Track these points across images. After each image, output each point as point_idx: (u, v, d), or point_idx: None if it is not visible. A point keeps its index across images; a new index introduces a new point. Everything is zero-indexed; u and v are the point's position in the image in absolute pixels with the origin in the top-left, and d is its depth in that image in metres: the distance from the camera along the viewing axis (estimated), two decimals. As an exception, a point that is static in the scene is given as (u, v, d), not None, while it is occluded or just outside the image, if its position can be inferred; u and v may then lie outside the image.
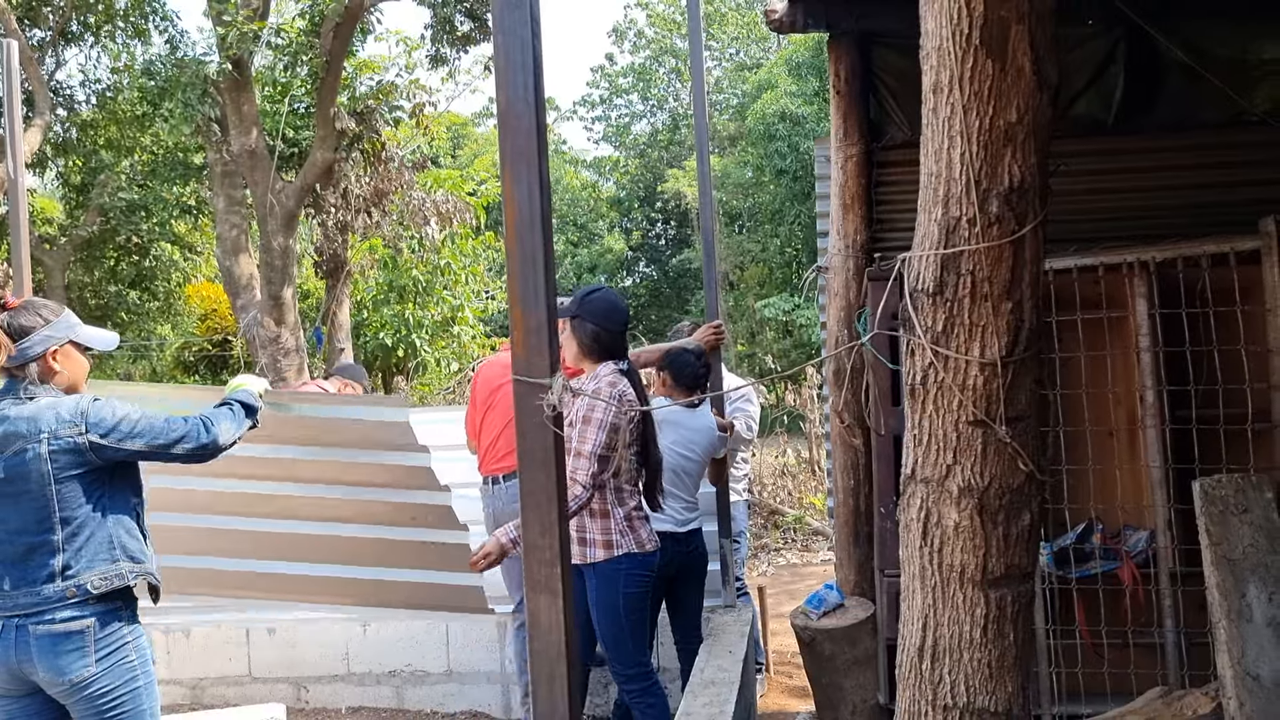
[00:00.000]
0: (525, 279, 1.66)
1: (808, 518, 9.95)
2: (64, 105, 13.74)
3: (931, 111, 1.80)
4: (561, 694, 1.67)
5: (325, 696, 5.12)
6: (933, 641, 1.87)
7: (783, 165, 22.56)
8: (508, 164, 1.66)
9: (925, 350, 1.80)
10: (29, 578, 2.65)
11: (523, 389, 1.64)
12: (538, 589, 1.67)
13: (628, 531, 3.62)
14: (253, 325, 10.67)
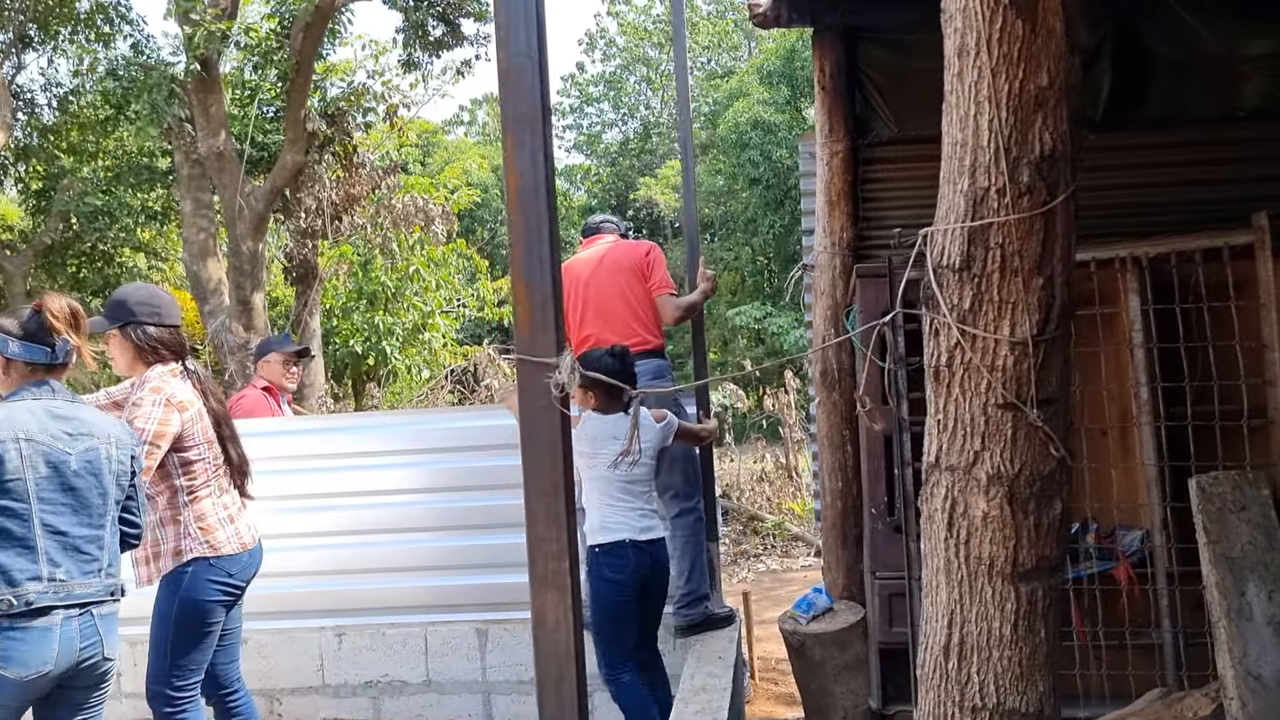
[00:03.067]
0: (529, 251, 1.54)
1: (787, 523, 9.87)
2: (24, 110, 13.45)
3: (956, 76, 1.70)
4: (570, 694, 1.55)
5: (300, 709, 4.95)
6: (959, 639, 1.77)
7: (755, 174, 22.59)
8: (510, 129, 1.54)
9: (951, 329, 1.70)
10: (84, 569, 2.80)
11: (528, 369, 1.53)
12: (544, 584, 1.55)
13: (198, 535, 3.41)
14: (220, 331, 10.45)
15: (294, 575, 5.01)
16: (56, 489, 2.76)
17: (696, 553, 4.46)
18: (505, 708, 4.81)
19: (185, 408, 3.34)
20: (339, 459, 5.04)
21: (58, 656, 2.71)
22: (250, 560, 3.56)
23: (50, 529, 2.74)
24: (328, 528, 4.99)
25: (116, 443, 2.93)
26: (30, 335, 2.86)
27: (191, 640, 3.38)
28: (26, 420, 2.75)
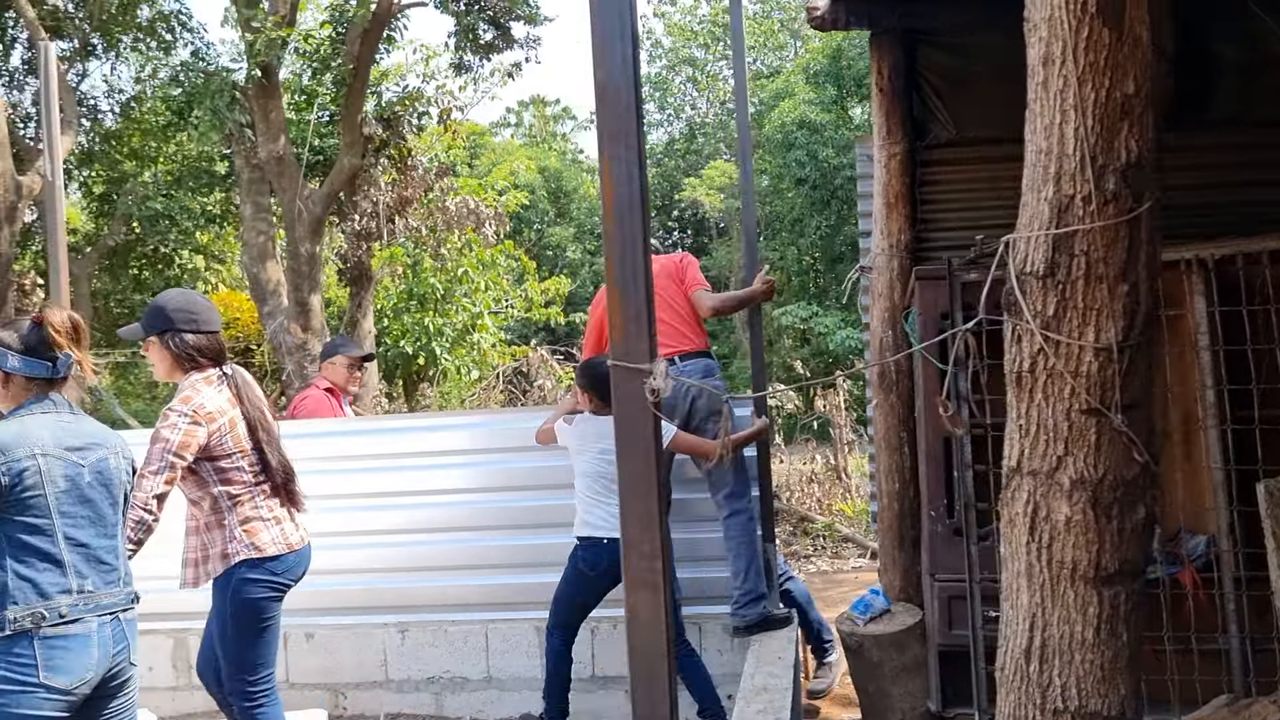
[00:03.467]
0: (624, 262, 1.59)
1: (837, 524, 9.85)
2: (87, 116, 13.81)
3: (1041, 85, 1.72)
4: (662, 692, 1.59)
5: (364, 703, 5.05)
6: (1041, 642, 1.79)
7: (801, 174, 22.51)
8: (605, 143, 1.59)
9: (1034, 335, 1.72)
10: (107, 579, 2.81)
11: (622, 374, 1.57)
12: (638, 585, 1.59)
13: (243, 537, 3.45)
14: (279, 332, 10.65)
15: (358, 572, 5.12)
16: (74, 502, 2.75)
17: (751, 553, 4.47)
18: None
19: (214, 419, 3.35)
20: (401, 458, 5.14)
21: (97, 663, 2.72)
22: (297, 560, 3.61)
23: (73, 541, 2.74)
24: (391, 526, 5.09)
25: (122, 453, 2.94)
26: (31, 349, 2.80)
27: (251, 637, 3.47)
28: (41, 435, 2.72)
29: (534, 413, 5.18)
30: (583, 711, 4.85)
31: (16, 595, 2.62)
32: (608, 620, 4.86)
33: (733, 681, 4.62)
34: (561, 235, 26.76)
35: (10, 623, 2.59)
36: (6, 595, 2.62)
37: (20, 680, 2.58)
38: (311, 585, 5.11)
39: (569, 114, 37.36)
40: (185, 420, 3.29)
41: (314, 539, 5.11)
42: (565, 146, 36.03)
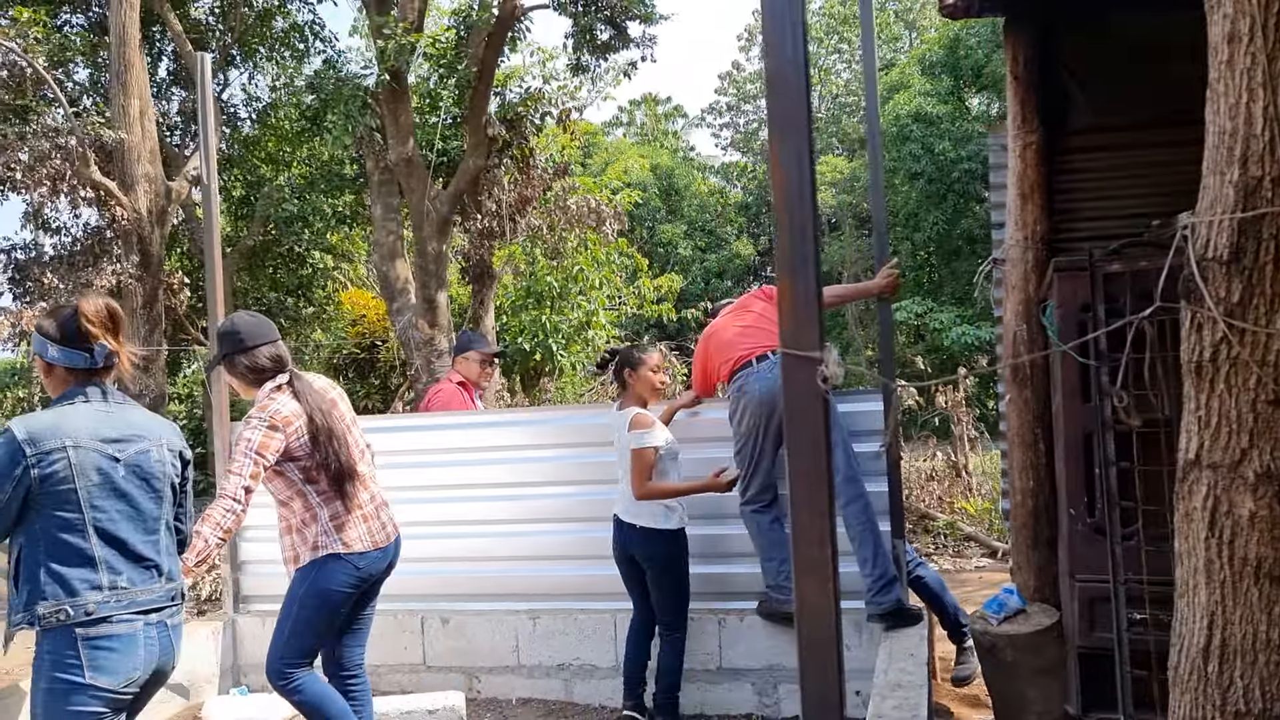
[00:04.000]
0: (794, 249, 1.60)
1: (959, 523, 9.63)
2: (227, 123, 14.50)
3: (1225, 63, 1.66)
4: (833, 681, 1.60)
5: (496, 687, 5.19)
6: (1220, 641, 1.73)
7: (916, 168, 22.07)
8: (776, 132, 1.61)
9: (1216, 324, 1.66)
10: (144, 576, 2.77)
11: (792, 362, 1.58)
12: (807, 572, 1.60)
13: (332, 532, 3.58)
14: (408, 328, 10.99)
15: (492, 560, 5.27)
16: (109, 495, 2.69)
17: (875, 539, 4.45)
18: (691, 695, 4.89)
19: (291, 422, 3.48)
20: (533, 449, 5.27)
21: (144, 664, 2.71)
22: (381, 556, 3.73)
23: (107, 537, 2.68)
24: (523, 515, 5.23)
25: (167, 444, 2.89)
26: (68, 340, 2.75)
27: (313, 623, 3.60)
28: (75, 426, 2.67)
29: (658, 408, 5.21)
30: (710, 703, 4.89)
31: (46, 590, 2.60)
32: (735, 613, 4.89)
33: (859, 677, 4.60)
34: (673, 232, 26.85)
35: (40, 619, 2.58)
36: (37, 589, 2.60)
37: (67, 680, 2.59)
38: (447, 571, 5.32)
39: (680, 112, 37.45)
40: (264, 424, 3.44)
41: (448, 526, 5.33)
42: (676, 144, 36.12)
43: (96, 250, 11.61)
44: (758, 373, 4.55)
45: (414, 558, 5.34)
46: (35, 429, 2.62)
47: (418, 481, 5.38)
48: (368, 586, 3.74)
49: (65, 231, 13.08)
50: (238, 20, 13.51)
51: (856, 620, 4.58)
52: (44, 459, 2.59)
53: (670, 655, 4.52)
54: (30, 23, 10.88)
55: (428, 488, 5.38)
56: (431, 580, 5.36)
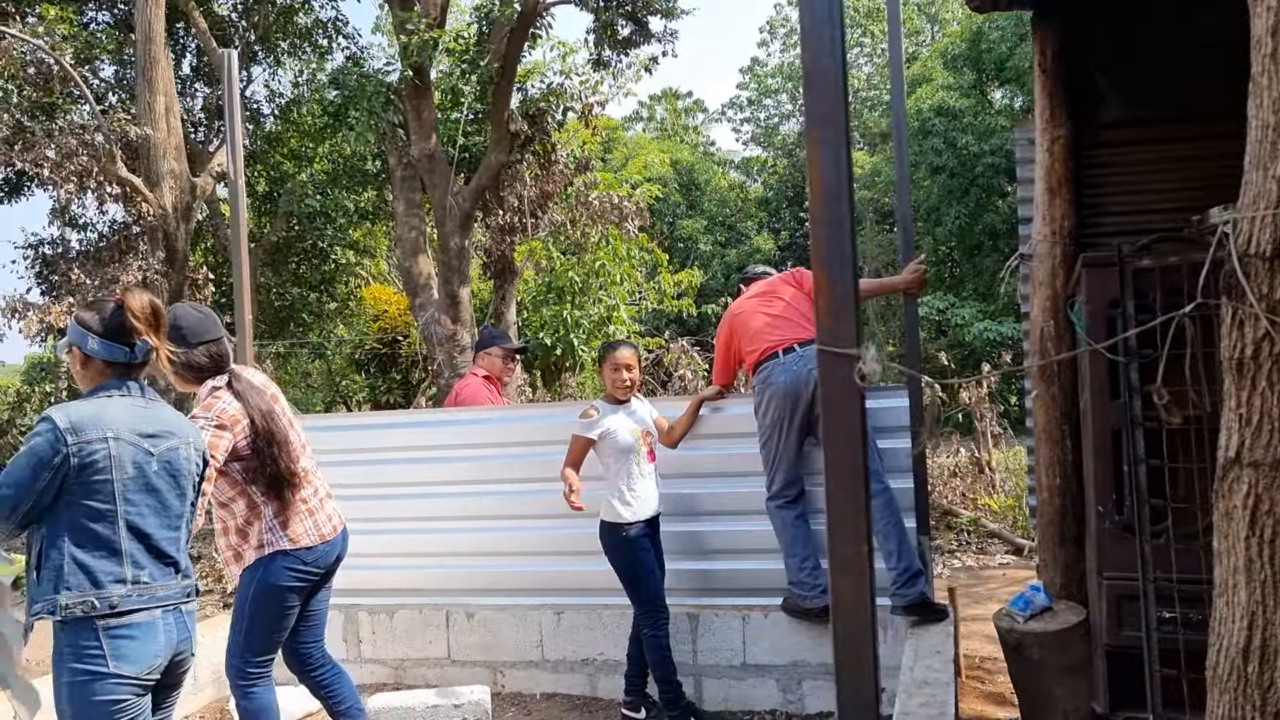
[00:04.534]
0: (830, 245, 1.60)
1: (983, 519, 9.58)
2: (250, 120, 14.59)
3: (1269, 57, 1.64)
4: (868, 677, 1.60)
5: (521, 681, 5.20)
6: (1261, 641, 1.71)
7: (938, 162, 21.93)
8: (813, 127, 1.60)
9: (1259, 321, 1.64)
10: (165, 571, 2.79)
11: (829, 359, 1.58)
12: (843, 570, 1.60)
13: (278, 529, 3.54)
14: (430, 323, 11.02)
15: (516, 555, 5.29)
16: (140, 490, 2.71)
17: (900, 532, 4.44)
18: (715, 691, 4.91)
19: (237, 420, 3.44)
20: (557, 445, 5.25)
21: (164, 650, 2.73)
22: (329, 549, 3.69)
23: (134, 530, 2.70)
24: (547, 511, 5.21)
25: (194, 444, 2.92)
26: (110, 333, 2.76)
27: (267, 621, 3.58)
28: (115, 418, 2.68)
29: (681, 401, 5.21)
30: (734, 698, 4.89)
31: (70, 580, 2.59)
32: (758, 609, 4.88)
33: (885, 674, 4.58)
34: (693, 228, 26.81)
35: (62, 609, 2.58)
36: (61, 579, 2.59)
37: (91, 670, 2.59)
38: (472, 566, 5.35)
39: (700, 106, 37.38)
40: (212, 424, 3.38)
41: (472, 521, 5.35)
42: (697, 139, 36.05)
43: (123, 246, 11.71)
44: (784, 365, 4.54)
45: (438, 552, 5.40)
46: (77, 418, 2.62)
47: (443, 476, 5.41)
48: (317, 579, 3.71)
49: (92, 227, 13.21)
50: (261, 16, 13.57)
51: (882, 617, 4.56)
52: (84, 448, 2.59)
53: (650, 650, 4.49)
54: (57, 20, 10.97)
55: (453, 482, 5.40)
56: (456, 575, 5.38)
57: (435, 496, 5.43)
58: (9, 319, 10.70)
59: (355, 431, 5.70)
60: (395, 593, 5.46)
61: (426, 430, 5.52)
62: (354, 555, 5.46)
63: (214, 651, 5.07)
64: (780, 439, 4.59)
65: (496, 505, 5.34)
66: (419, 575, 5.44)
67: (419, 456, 5.47)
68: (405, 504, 5.47)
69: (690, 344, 11.74)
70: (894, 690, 3.95)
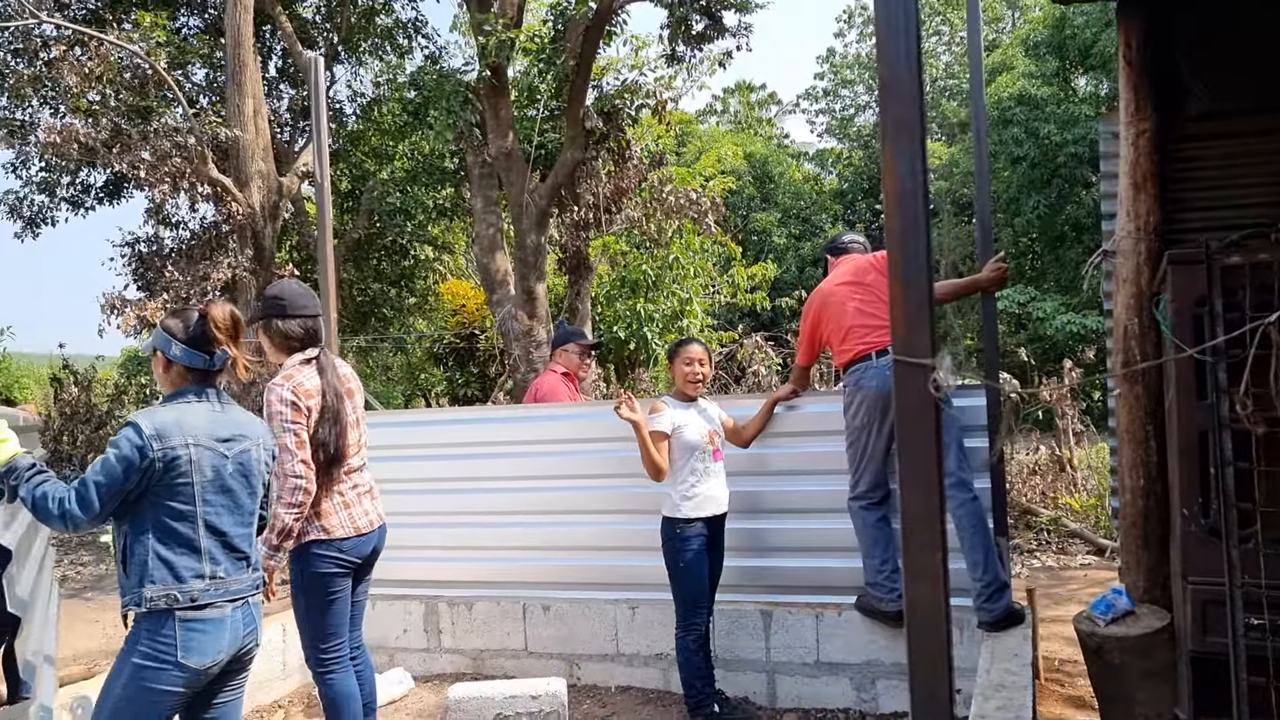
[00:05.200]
0: (906, 254, 1.61)
1: (1064, 519, 9.39)
2: (333, 119, 14.95)
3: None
4: (942, 683, 1.62)
5: (596, 674, 5.28)
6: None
7: (1018, 152, 21.47)
8: (889, 136, 1.62)
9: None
10: (238, 566, 2.96)
11: (904, 369, 1.60)
12: (918, 576, 1.62)
13: (314, 519, 3.70)
14: (507, 319, 11.19)
15: (592, 550, 5.37)
16: (217, 491, 2.88)
17: (987, 543, 4.38)
18: (789, 688, 4.92)
19: (311, 395, 3.66)
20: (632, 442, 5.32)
21: (229, 645, 2.88)
22: (364, 541, 3.83)
23: (212, 529, 2.87)
24: (622, 506, 5.30)
25: (263, 444, 3.09)
26: (192, 340, 2.94)
27: (319, 607, 3.75)
28: (194, 425, 2.86)
29: (753, 399, 5.23)
30: (807, 696, 4.90)
31: (155, 575, 2.77)
32: (832, 607, 4.89)
33: (960, 675, 4.55)
34: (767, 220, 26.68)
35: (147, 600, 2.75)
36: (146, 573, 2.77)
37: (160, 658, 2.75)
38: (549, 560, 5.45)
39: (774, 99, 37.12)
40: (289, 396, 3.61)
41: (549, 516, 5.45)
42: (770, 131, 35.82)
43: (213, 244, 12.12)
44: (876, 368, 4.49)
45: (516, 546, 5.51)
46: (161, 424, 2.80)
47: (520, 471, 5.51)
48: (355, 569, 3.85)
49: (184, 226, 13.67)
50: (343, 18, 13.89)
51: (957, 619, 4.53)
52: (168, 453, 2.77)
53: (679, 649, 4.50)
54: (152, 26, 11.39)
55: (530, 477, 5.50)
56: (533, 568, 5.49)
57: (513, 491, 5.54)
58: (108, 315, 11.15)
59: (436, 427, 5.85)
60: (474, 585, 5.60)
61: (504, 426, 5.64)
62: (435, 548, 5.66)
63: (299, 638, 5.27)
64: (868, 441, 4.57)
65: (572, 500, 5.43)
66: (497, 568, 5.56)
67: (497, 451, 5.58)
68: (484, 498, 5.59)
69: (764, 339, 11.71)
70: (970, 692, 3.93)
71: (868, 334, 4.59)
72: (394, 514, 4.25)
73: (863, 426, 4.56)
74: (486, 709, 4.33)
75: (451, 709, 4.34)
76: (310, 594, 3.74)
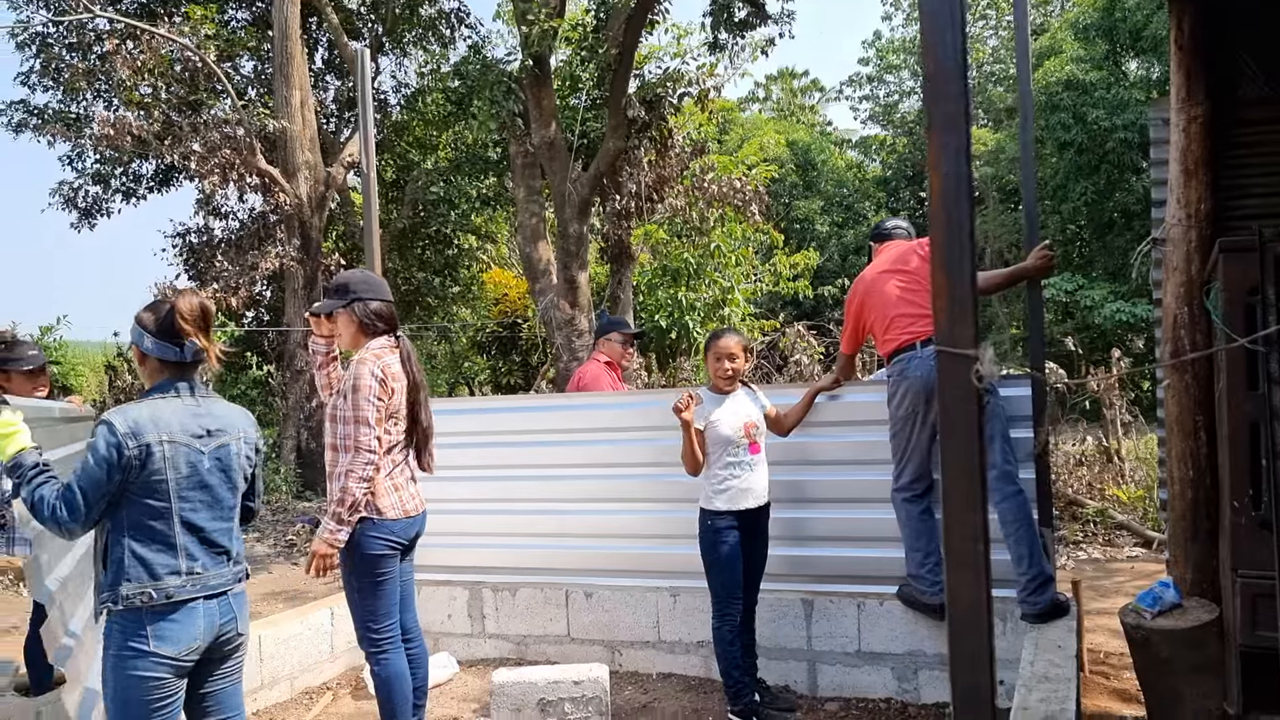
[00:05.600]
0: (951, 248, 1.62)
1: (1111, 510, 9.27)
2: (377, 110, 15.11)
3: None
4: (984, 674, 1.63)
5: (638, 661, 5.33)
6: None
7: (1066, 137, 21.12)
8: (936, 132, 1.62)
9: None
10: (217, 560, 2.96)
11: (948, 361, 1.61)
12: (960, 565, 1.63)
13: (369, 498, 3.77)
14: (549, 308, 11.26)
15: (633, 538, 5.41)
16: (194, 487, 2.87)
17: (1031, 536, 4.33)
18: (830, 677, 4.93)
19: (398, 378, 3.84)
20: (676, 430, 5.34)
21: (203, 633, 2.89)
22: (410, 524, 3.94)
23: (188, 525, 2.86)
24: (663, 495, 5.33)
25: (244, 437, 3.06)
26: (162, 333, 2.93)
27: (370, 586, 3.84)
28: (169, 420, 2.84)
29: (795, 389, 5.22)
30: (848, 685, 4.91)
31: (130, 573, 2.78)
32: (874, 597, 4.89)
33: (1004, 666, 4.54)
34: (809, 208, 26.51)
35: (123, 599, 2.78)
36: (122, 571, 2.79)
37: (134, 648, 2.79)
38: (591, 547, 5.50)
39: (817, 85, 36.83)
40: (377, 373, 3.75)
41: (591, 504, 5.52)
42: (813, 119, 35.55)
43: (261, 234, 12.31)
44: (920, 358, 4.44)
45: (559, 533, 5.57)
46: (134, 422, 2.80)
47: (563, 459, 5.57)
48: (402, 550, 3.95)
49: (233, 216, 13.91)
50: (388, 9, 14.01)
51: (1000, 610, 4.51)
52: (143, 451, 2.78)
53: (716, 640, 4.49)
54: (201, 20, 11.58)
55: (573, 465, 5.55)
56: (576, 555, 5.54)
57: (556, 479, 5.59)
58: (159, 304, 11.36)
59: (480, 415, 5.91)
60: (518, 571, 5.67)
61: (548, 414, 5.69)
62: (479, 534, 5.74)
63: (348, 623, 5.36)
64: (912, 432, 4.53)
65: (615, 488, 5.47)
66: (540, 555, 5.62)
67: (540, 440, 5.64)
68: (527, 486, 5.65)
69: (806, 328, 11.67)
70: (1013, 683, 3.91)
71: (911, 323, 4.55)
72: (439, 500, 4.32)
73: (907, 417, 4.53)
74: (529, 694, 4.40)
75: (495, 693, 4.41)
76: (362, 575, 3.82)
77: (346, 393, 3.75)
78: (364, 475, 3.69)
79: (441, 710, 4.87)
